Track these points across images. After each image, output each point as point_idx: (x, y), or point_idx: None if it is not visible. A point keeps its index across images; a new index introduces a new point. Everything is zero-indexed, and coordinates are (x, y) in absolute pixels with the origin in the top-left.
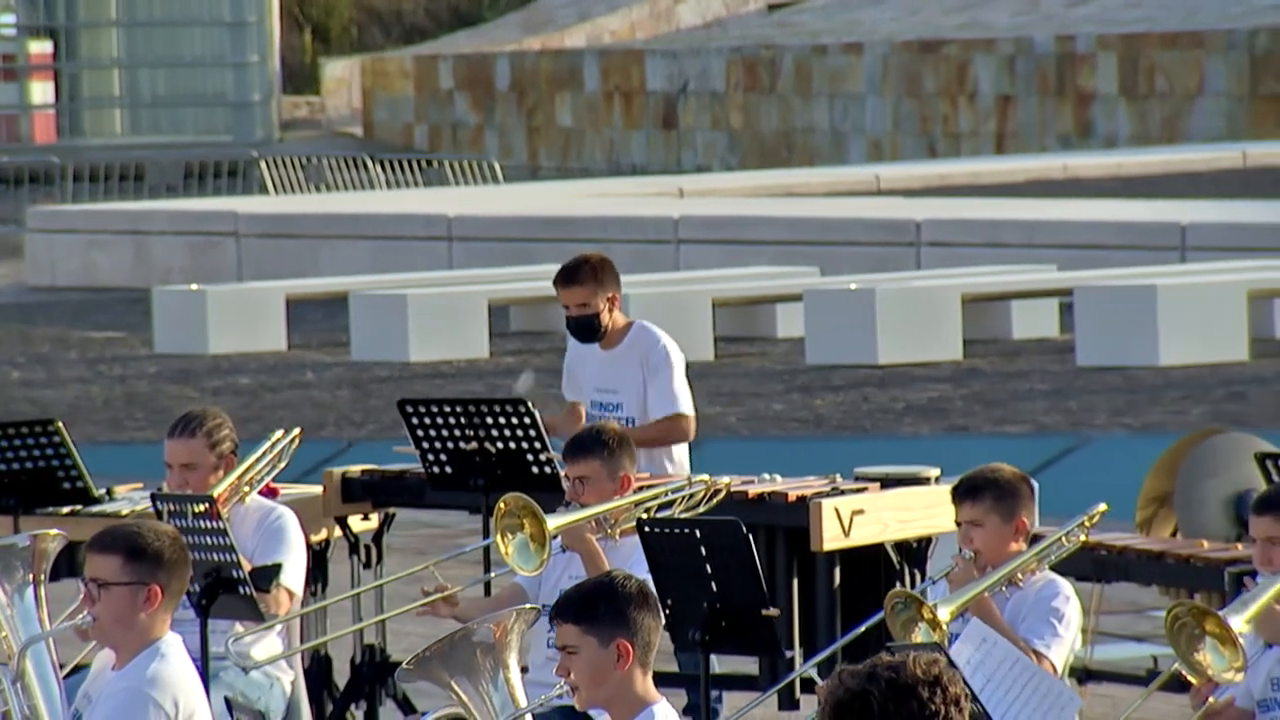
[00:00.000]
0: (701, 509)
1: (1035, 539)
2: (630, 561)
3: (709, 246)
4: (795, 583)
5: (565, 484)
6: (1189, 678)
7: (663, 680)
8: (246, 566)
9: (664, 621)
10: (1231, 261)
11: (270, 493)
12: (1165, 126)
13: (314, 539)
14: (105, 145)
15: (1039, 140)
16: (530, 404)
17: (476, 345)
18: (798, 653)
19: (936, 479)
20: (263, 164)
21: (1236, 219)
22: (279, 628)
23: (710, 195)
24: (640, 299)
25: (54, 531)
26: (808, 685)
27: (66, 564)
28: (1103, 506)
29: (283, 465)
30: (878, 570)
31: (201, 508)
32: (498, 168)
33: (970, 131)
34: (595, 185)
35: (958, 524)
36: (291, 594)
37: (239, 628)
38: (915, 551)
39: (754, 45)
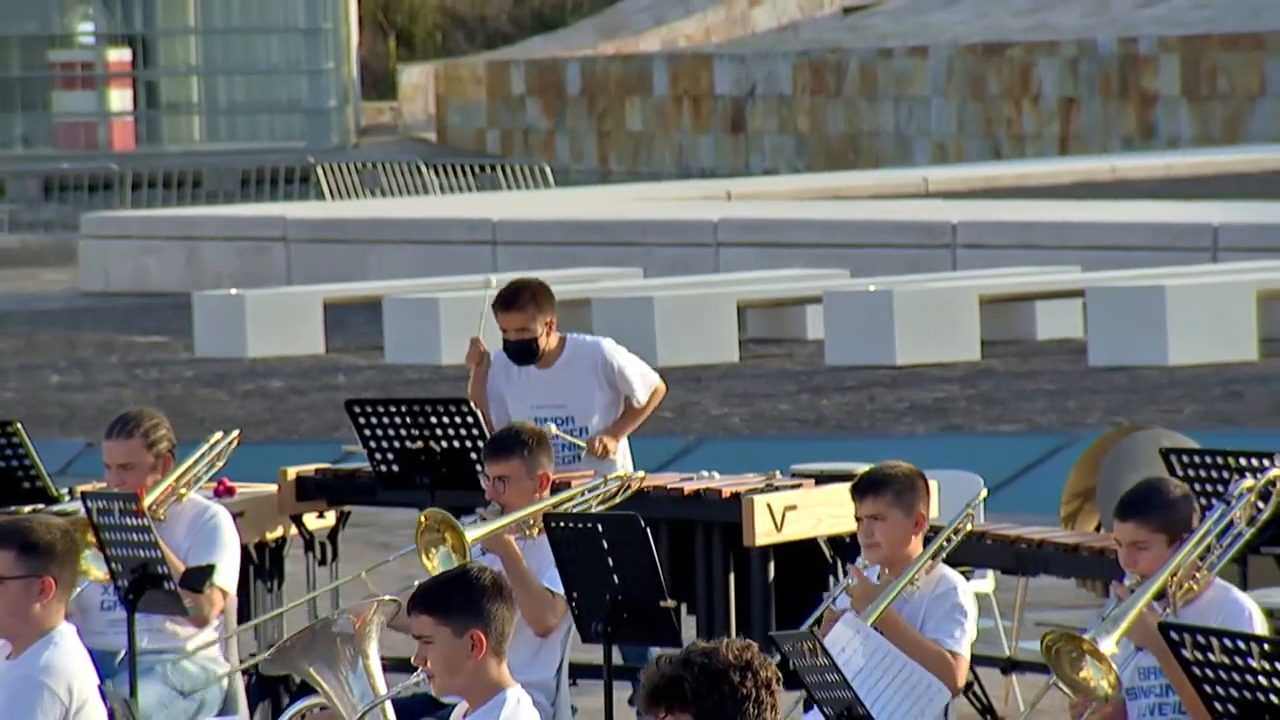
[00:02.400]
0: (618, 500)
1: (934, 531)
2: (548, 559)
3: (748, 249)
4: (731, 576)
5: (484, 483)
6: (1070, 695)
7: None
8: (176, 564)
9: (571, 614)
10: (1245, 262)
11: (226, 490)
12: (1227, 128)
13: (270, 536)
14: (184, 152)
15: (1102, 142)
16: (473, 403)
17: None
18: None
19: None
20: (320, 170)
21: (1270, 220)
22: (215, 624)
23: (757, 199)
24: (667, 301)
25: None
26: None
27: None
28: (983, 493)
29: (220, 465)
30: (811, 564)
31: (128, 505)
32: (549, 172)
33: (1034, 134)
34: (641, 189)
35: (858, 519)
36: (225, 593)
37: (190, 641)
38: (848, 546)
39: (820, 49)
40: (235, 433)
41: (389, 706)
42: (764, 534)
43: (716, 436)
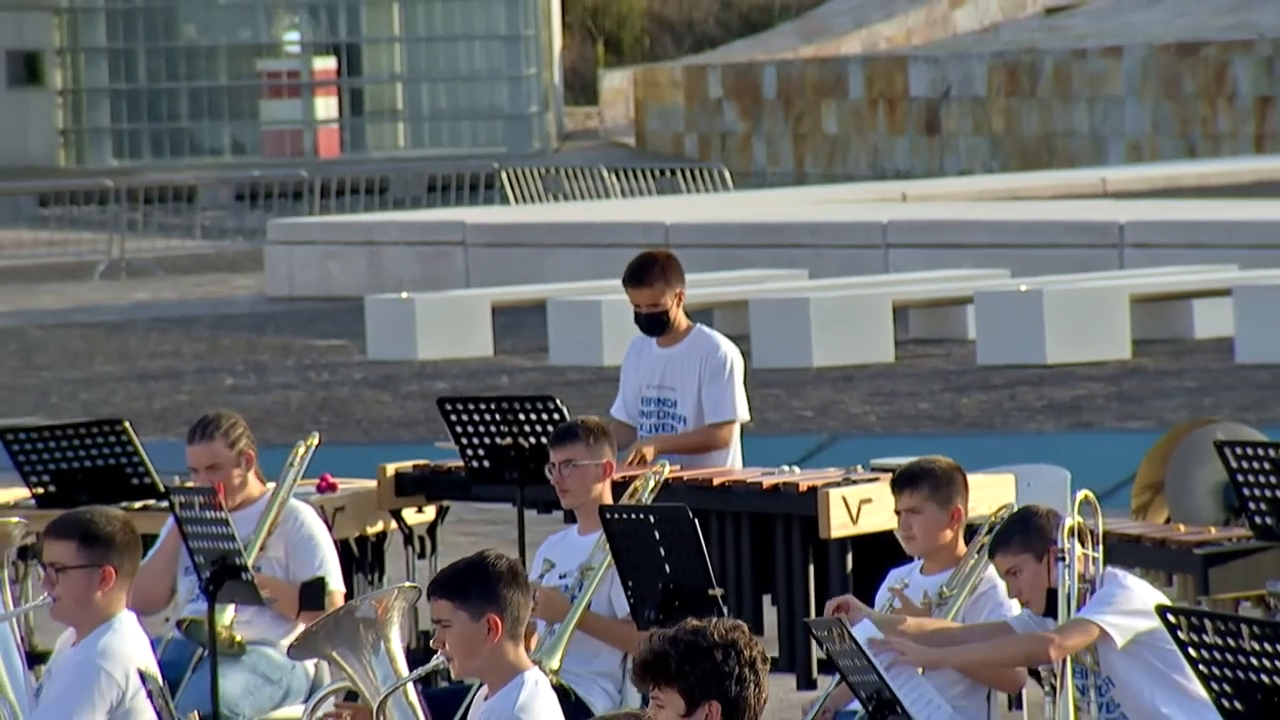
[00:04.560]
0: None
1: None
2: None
3: (917, 251)
4: (811, 568)
5: (549, 474)
6: None
7: None
8: (284, 589)
9: (626, 602)
10: None
11: (329, 486)
12: None
13: (370, 531)
14: (388, 158)
15: None
16: (559, 400)
17: None
18: None
19: None
20: (504, 175)
21: None
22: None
23: (932, 200)
24: (823, 302)
25: (14, 519)
26: (825, 666)
27: None
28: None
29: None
30: (888, 555)
31: (208, 499)
32: (728, 175)
33: (1229, 133)
34: (817, 191)
35: (897, 513)
36: (341, 593)
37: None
38: None
39: (1015, 50)
40: (315, 438)
41: (411, 688)
42: (840, 526)
43: (850, 434)
